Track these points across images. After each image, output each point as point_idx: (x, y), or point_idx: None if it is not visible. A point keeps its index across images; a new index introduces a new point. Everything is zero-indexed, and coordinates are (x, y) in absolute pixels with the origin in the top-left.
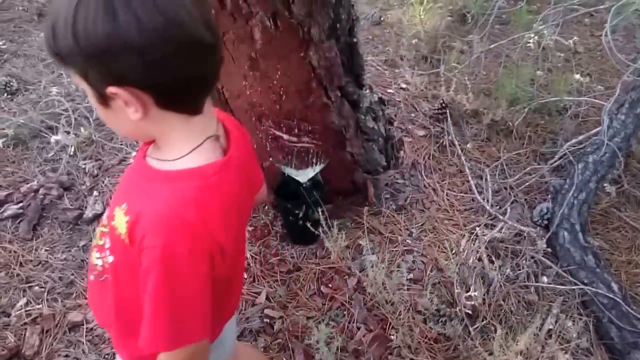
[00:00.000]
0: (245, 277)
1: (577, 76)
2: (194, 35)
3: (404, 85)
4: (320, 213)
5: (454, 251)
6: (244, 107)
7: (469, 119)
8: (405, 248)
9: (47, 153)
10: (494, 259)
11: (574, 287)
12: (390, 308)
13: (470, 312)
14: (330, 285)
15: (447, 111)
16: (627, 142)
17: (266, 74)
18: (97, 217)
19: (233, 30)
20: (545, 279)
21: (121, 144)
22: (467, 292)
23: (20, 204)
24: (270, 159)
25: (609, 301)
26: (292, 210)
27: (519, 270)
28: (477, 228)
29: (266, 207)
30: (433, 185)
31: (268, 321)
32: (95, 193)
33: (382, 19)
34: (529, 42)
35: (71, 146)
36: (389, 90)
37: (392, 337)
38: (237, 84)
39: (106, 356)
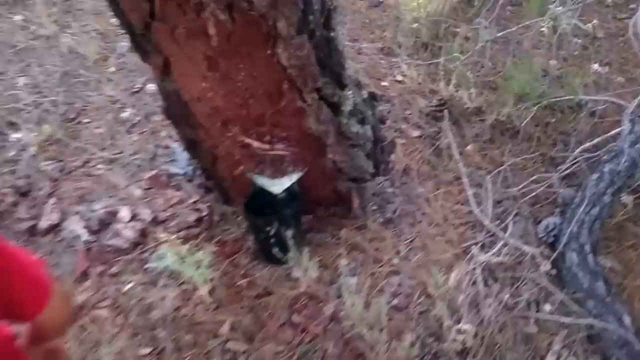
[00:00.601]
0: (209, 302)
1: (596, 66)
2: None
3: (399, 78)
4: (293, 230)
5: (445, 274)
6: (206, 111)
7: (470, 118)
8: (391, 269)
9: (7, 152)
10: (490, 283)
11: (579, 321)
12: (371, 341)
13: (460, 348)
14: (303, 314)
15: (446, 109)
16: None
17: (228, 75)
18: (53, 227)
19: (183, 24)
20: (547, 307)
21: (86, 143)
22: (459, 322)
23: None
24: (241, 168)
25: (619, 338)
26: (262, 227)
27: (519, 297)
28: (473, 247)
29: (238, 217)
30: (426, 195)
31: (230, 356)
32: (52, 200)
33: (381, 0)
34: (543, 27)
35: (32, 145)
36: (383, 83)
37: None
38: (196, 85)
39: None
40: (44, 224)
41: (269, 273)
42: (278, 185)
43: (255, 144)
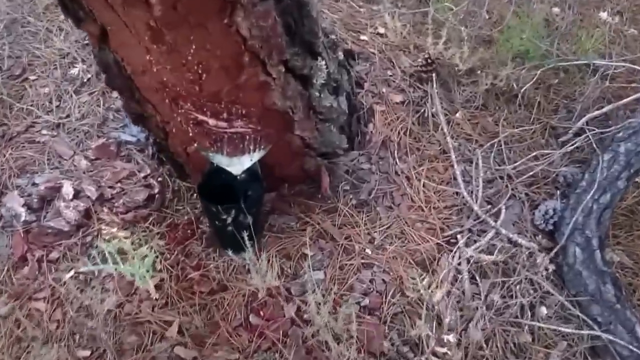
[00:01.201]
0: (156, 298)
1: (604, 15)
2: None
3: (381, 31)
4: (253, 217)
5: (424, 269)
6: (152, 86)
7: (461, 80)
8: (364, 261)
9: None
10: (478, 281)
11: (582, 332)
12: (337, 349)
13: None
14: (261, 314)
15: (434, 69)
16: None
17: (175, 48)
18: None
19: None
20: (544, 311)
21: (31, 105)
22: (440, 328)
23: None
24: (195, 145)
25: (630, 353)
26: (218, 215)
27: (511, 299)
28: (459, 236)
29: (194, 194)
30: (407, 172)
31: None
32: None
33: None
34: None
35: None
36: (362, 37)
37: None
38: (139, 57)
39: None
40: None
41: (224, 264)
42: (237, 165)
43: (211, 121)
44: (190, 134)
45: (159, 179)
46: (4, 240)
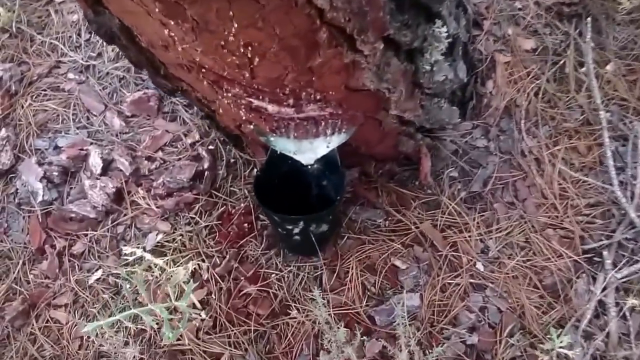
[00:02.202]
0: (201, 319)
1: None
2: None
3: None
4: (329, 225)
5: (556, 295)
6: (181, 64)
7: (617, 17)
8: (473, 280)
9: None
10: (629, 318)
11: None
12: None
13: None
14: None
15: (581, 1)
16: None
17: (205, 27)
18: (5, 173)
19: None
20: None
21: (56, 39)
22: None
23: None
24: (251, 126)
25: None
26: (282, 224)
27: None
28: (605, 252)
29: (254, 169)
30: (537, 153)
31: None
32: (4, 131)
33: None
34: None
35: None
36: None
37: None
38: (155, 29)
39: None
40: None
41: (290, 276)
42: (309, 153)
43: (271, 107)
44: (244, 117)
45: (210, 146)
46: (20, 223)
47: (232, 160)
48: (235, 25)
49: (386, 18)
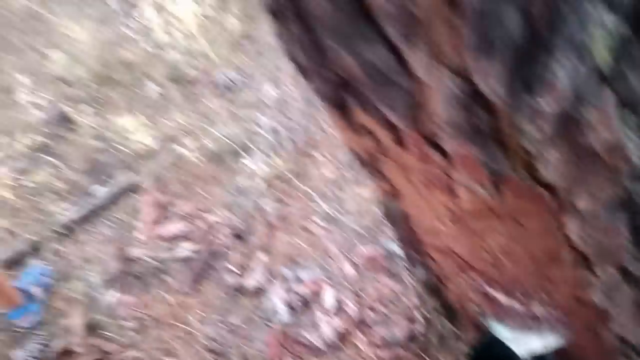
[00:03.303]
0: None
1: None
2: None
3: None
4: None
5: None
6: (438, 246)
7: None
8: None
9: (237, 176)
10: None
11: None
12: None
13: None
14: None
15: None
16: None
17: (474, 232)
18: (257, 292)
19: (422, 174)
20: None
21: (312, 188)
22: None
23: (195, 246)
24: (476, 307)
25: None
26: None
27: None
28: None
29: (460, 344)
30: None
31: None
32: (262, 255)
33: None
34: None
35: (261, 177)
36: None
37: None
38: (429, 222)
39: None
40: (250, 283)
41: None
42: (522, 344)
43: (504, 299)
44: (473, 298)
45: (425, 313)
46: (262, 334)
47: (439, 328)
48: (500, 238)
49: (624, 249)
